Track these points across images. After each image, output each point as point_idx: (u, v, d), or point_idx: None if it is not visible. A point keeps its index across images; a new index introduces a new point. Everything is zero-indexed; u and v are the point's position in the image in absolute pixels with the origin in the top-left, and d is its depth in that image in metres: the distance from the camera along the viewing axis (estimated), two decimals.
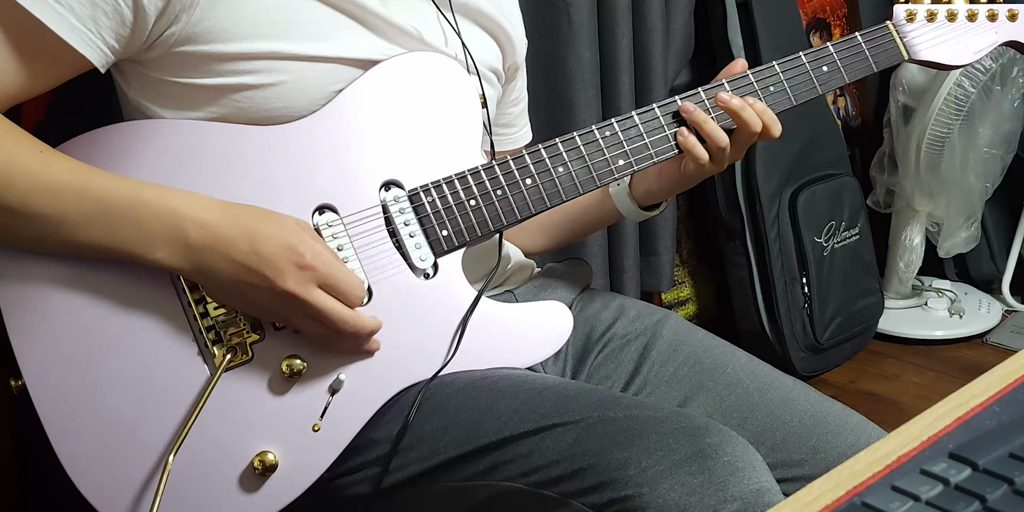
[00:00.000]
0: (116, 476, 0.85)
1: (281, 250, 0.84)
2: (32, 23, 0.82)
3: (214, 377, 0.86)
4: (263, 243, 0.84)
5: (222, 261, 0.84)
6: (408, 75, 0.96)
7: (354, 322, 0.87)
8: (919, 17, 1.10)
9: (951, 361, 2.19)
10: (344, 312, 0.86)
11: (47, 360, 0.85)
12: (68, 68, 0.87)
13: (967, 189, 2.18)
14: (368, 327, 0.88)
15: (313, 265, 0.84)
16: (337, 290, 0.86)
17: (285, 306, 0.85)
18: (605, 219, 1.18)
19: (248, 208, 0.87)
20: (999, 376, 0.62)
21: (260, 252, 0.84)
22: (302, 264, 0.84)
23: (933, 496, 0.49)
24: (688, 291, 2.19)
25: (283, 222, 0.86)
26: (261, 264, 0.83)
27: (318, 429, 0.89)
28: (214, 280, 0.85)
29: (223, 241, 0.83)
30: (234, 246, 0.83)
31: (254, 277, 0.84)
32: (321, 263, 0.85)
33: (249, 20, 0.89)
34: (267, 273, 0.83)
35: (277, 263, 0.83)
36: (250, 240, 0.84)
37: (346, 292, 0.86)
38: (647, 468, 0.79)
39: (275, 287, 0.84)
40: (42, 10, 0.82)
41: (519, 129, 1.24)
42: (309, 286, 0.84)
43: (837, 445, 0.99)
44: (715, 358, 1.08)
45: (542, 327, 0.98)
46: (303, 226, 0.88)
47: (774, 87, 1.03)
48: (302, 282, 0.84)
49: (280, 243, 0.84)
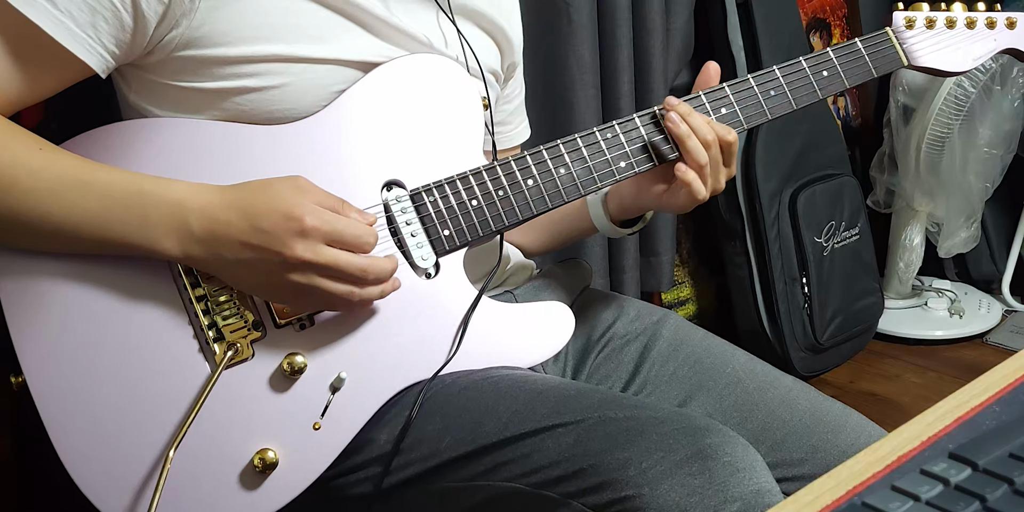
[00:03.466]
0: (116, 473, 0.85)
1: (280, 221, 0.82)
2: (32, 30, 0.82)
3: (214, 375, 0.86)
4: (260, 219, 0.83)
5: (229, 246, 0.83)
6: (409, 76, 0.96)
7: (373, 268, 0.86)
8: (918, 24, 1.10)
9: (951, 361, 2.19)
10: (360, 261, 0.85)
11: (48, 357, 0.85)
12: (69, 74, 0.87)
13: (967, 189, 2.18)
14: (388, 269, 0.87)
15: (314, 226, 0.83)
16: (345, 242, 0.85)
17: (305, 276, 0.84)
18: (584, 228, 1.15)
19: (242, 185, 0.85)
20: (999, 376, 0.62)
21: (261, 228, 0.83)
22: (303, 229, 0.82)
23: (933, 496, 0.49)
24: (688, 291, 2.19)
25: (275, 189, 0.85)
26: (266, 240, 0.82)
27: (319, 427, 0.89)
28: (223, 267, 0.85)
29: (223, 225, 0.83)
30: (235, 228, 0.83)
31: (261, 252, 0.83)
32: (321, 221, 0.83)
33: (249, 24, 0.89)
34: (275, 247, 0.82)
35: (280, 235, 0.82)
36: (247, 218, 0.83)
37: (354, 241, 0.85)
38: (647, 468, 0.79)
39: (287, 260, 0.83)
40: (42, 17, 0.82)
41: (515, 126, 1.24)
42: (318, 247, 0.83)
43: (837, 444, 0.99)
44: (715, 358, 1.08)
45: (544, 327, 0.98)
46: (295, 184, 0.85)
47: (775, 91, 1.04)
48: (310, 246, 0.83)
49: (276, 214, 0.83)
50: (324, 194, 0.86)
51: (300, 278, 0.84)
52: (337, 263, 0.84)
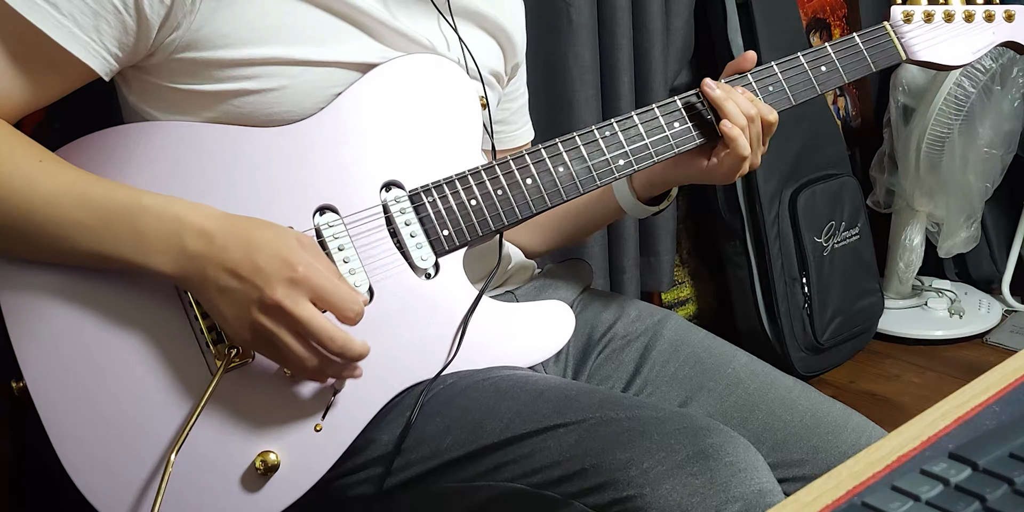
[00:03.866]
0: (117, 477, 0.85)
1: (275, 261, 0.81)
2: (35, 34, 0.82)
3: (215, 377, 0.86)
4: (257, 253, 0.81)
5: (214, 269, 0.82)
6: (407, 76, 0.96)
7: (342, 341, 0.82)
8: (916, 18, 1.10)
9: (951, 361, 2.19)
10: (331, 329, 0.82)
11: (48, 361, 0.85)
12: (73, 78, 0.87)
13: (967, 189, 2.18)
14: (356, 350, 0.83)
15: (306, 277, 0.81)
16: (330, 304, 0.82)
17: (274, 322, 0.81)
18: (607, 214, 1.17)
19: (249, 219, 0.85)
20: (999, 376, 0.62)
21: (254, 261, 0.81)
22: (294, 277, 0.81)
23: (933, 496, 0.49)
24: (688, 291, 2.19)
25: (283, 234, 0.84)
26: (252, 272, 0.81)
27: (320, 429, 0.89)
28: (203, 288, 0.83)
29: (218, 249, 0.82)
30: (228, 255, 0.81)
31: (243, 284, 0.81)
32: (315, 275, 0.81)
33: (249, 26, 0.89)
34: (257, 281, 0.81)
35: (269, 273, 0.81)
36: (245, 249, 0.82)
37: (339, 306, 0.82)
38: (649, 469, 0.79)
39: (264, 299, 0.80)
40: (45, 21, 0.82)
41: (519, 127, 1.24)
42: (299, 299, 0.81)
43: (838, 445, 0.99)
44: (716, 358, 1.08)
45: (544, 327, 0.98)
46: (304, 241, 0.84)
47: (773, 87, 1.04)
48: (291, 294, 0.80)
49: (275, 254, 0.81)
50: (327, 261, 0.85)
51: (267, 322, 0.81)
52: (310, 321, 0.81)
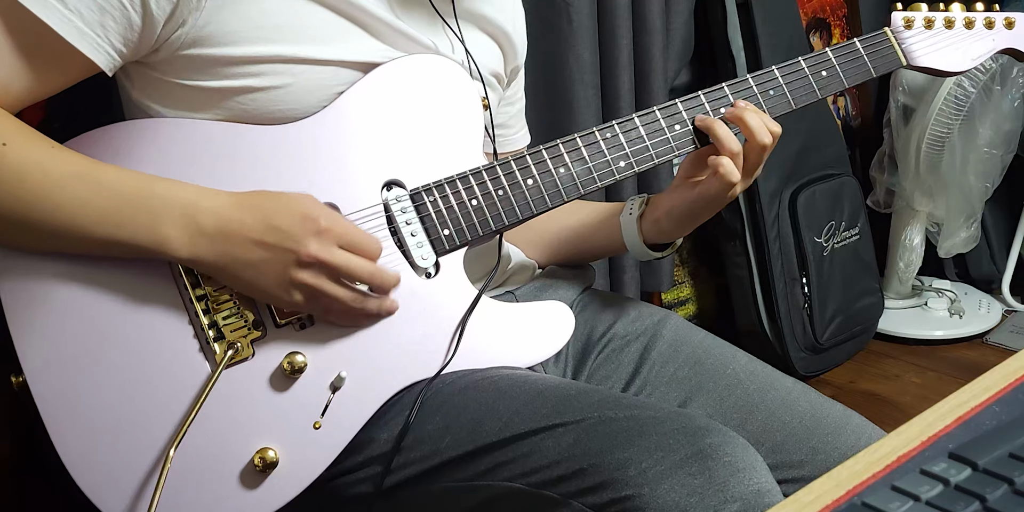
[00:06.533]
0: (116, 473, 0.85)
1: (296, 220, 0.85)
2: (40, 27, 0.82)
3: (215, 374, 0.87)
4: (276, 217, 0.84)
5: (241, 245, 0.84)
6: (409, 76, 0.96)
7: (380, 275, 0.88)
8: (917, 24, 1.10)
9: (951, 361, 2.19)
10: (370, 266, 0.88)
11: (48, 357, 0.85)
12: (75, 72, 0.87)
13: (967, 189, 2.18)
14: (391, 279, 0.90)
15: (330, 226, 0.85)
16: (357, 247, 0.87)
17: (315, 276, 0.85)
18: (608, 247, 1.15)
19: (252, 192, 0.87)
20: (999, 376, 0.62)
21: (276, 226, 0.84)
22: (319, 229, 0.85)
23: (933, 496, 0.49)
24: (688, 291, 2.19)
25: (289, 196, 0.87)
26: (280, 238, 0.84)
27: (319, 427, 0.89)
28: (230, 268, 0.85)
29: (236, 223, 0.84)
30: (248, 227, 0.84)
31: (274, 252, 0.84)
32: (336, 224, 0.86)
33: (254, 24, 0.89)
34: (288, 245, 0.84)
35: (295, 233, 0.84)
36: (263, 217, 0.84)
37: (365, 248, 0.87)
38: (647, 468, 0.79)
39: (301, 258, 0.84)
40: (50, 15, 0.82)
41: (516, 131, 1.24)
42: (331, 248, 0.85)
43: (837, 446, 0.99)
44: (715, 359, 1.08)
45: (543, 327, 0.98)
46: (307, 195, 0.88)
47: (774, 91, 1.04)
48: (324, 245, 0.85)
49: (293, 213, 0.85)
50: (334, 210, 0.89)
51: (309, 278, 0.85)
52: (349, 265, 0.86)
